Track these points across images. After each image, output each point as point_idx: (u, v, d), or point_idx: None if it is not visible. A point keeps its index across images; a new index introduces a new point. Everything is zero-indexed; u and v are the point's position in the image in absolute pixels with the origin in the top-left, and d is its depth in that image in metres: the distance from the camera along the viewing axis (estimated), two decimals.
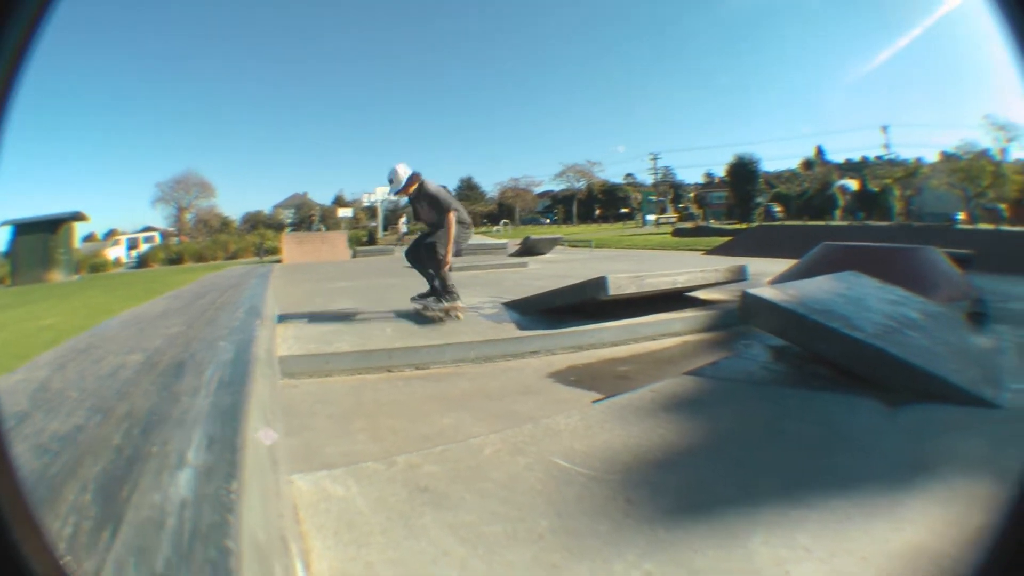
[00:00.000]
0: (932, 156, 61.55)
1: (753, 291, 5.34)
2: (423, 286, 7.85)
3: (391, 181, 7.78)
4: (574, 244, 31.84)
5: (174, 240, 63.69)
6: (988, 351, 5.70)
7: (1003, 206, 49.48)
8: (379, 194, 53.66)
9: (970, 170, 52.30)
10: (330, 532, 2.47)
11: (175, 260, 44.52)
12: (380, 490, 2.87)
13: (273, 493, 2.13)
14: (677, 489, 2.94)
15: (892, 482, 3.01)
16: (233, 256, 45.21)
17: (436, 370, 5.73)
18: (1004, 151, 53.35)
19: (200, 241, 54.81)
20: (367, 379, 5.46)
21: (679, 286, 7.57)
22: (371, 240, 45.89)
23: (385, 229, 52.87)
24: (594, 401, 4.55)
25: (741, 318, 5.38)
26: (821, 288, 5.84)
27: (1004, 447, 3.53)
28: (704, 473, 3.12)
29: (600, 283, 6.51)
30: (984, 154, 53.67)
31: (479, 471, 3.10)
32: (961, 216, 51.09)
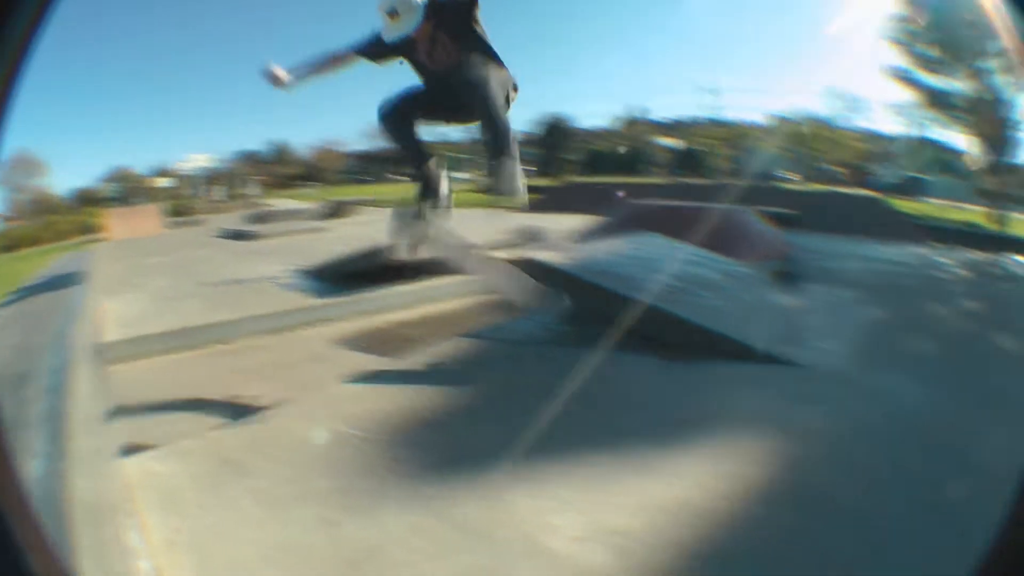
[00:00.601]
0: (764, 120, 64.40)
1: (534, 254, 5.63)
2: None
3: (393, 14, 4.87)
4: (381, 205, 31.79)
5: (11, 224, 59.68)
6: (792, 310, 6.06)
7: (840, 170, 52.19)
8: (192, 162, 51.78)
9: (805, 134, 55.02)
10: (156, 506, 2.74)
11: (12, 247, 42.15)
12: (194, 465, 3.18)
13: (104, 472, 2.79)
14: (442, 447, 3.24)
15: (667, 438, 3.32)
16: (62, 237, 42.88)
17: (239, 343, 5.85)
18: (844, 119, 56.44)
19: (33, 224, 51.77)
20: (179, 358, 5.55)
21: None
22: (185, 211, 44.55)
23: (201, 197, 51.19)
24: (376, 367, 4.77)
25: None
26: (609, 249, 6.14)
27: (796, 404, 3.88)
28: (470, 431, 3.44)
29: (389, 247, 6.57)
30: (822, 121, 56.49)
31: (273, 440, 3.42)
32: (794, 177, 53.77)
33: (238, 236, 14.74)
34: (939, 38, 29.40)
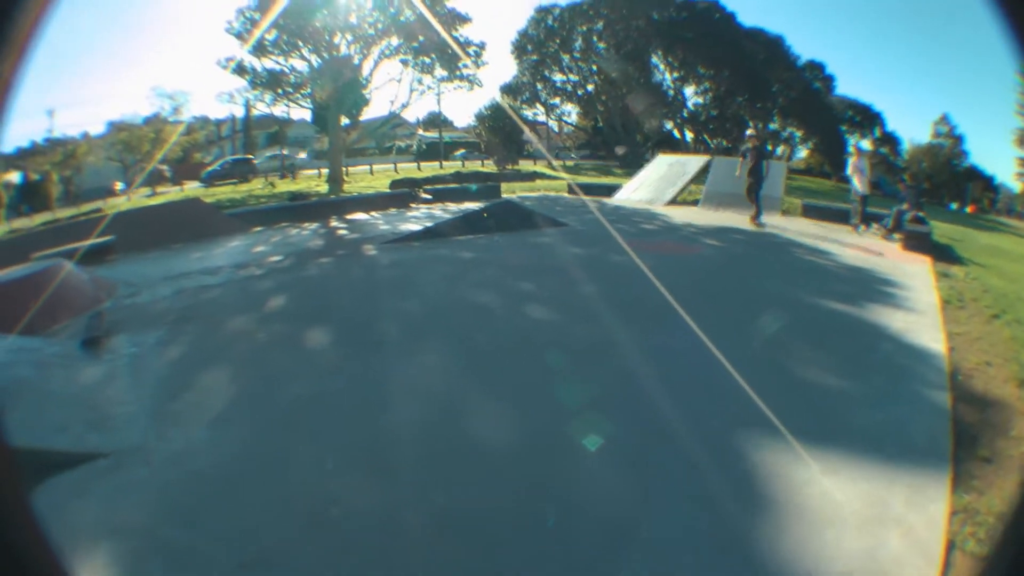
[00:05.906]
0: (103, 130, 60.67)
1: None
2: None
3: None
4: None
5: None
6: (98, 385, 5.62)
7: (163, 168, 51.21)
8: None
9: (130, 139, 53.17)
10: None
11: None
12: None
13: None
14: None
15: None
16: None
17: None
18: (174, 116, 55.42)
19: None
20: None
21: None
22: None
23: None
24: None
25: None
26: None
27: (116, 500, 3.81)
28: None
29: None
30: (154, 120, 54.86)
31: None
32: (123, 186, 51.87)
33: None
34: (279, 24, 31.67)
